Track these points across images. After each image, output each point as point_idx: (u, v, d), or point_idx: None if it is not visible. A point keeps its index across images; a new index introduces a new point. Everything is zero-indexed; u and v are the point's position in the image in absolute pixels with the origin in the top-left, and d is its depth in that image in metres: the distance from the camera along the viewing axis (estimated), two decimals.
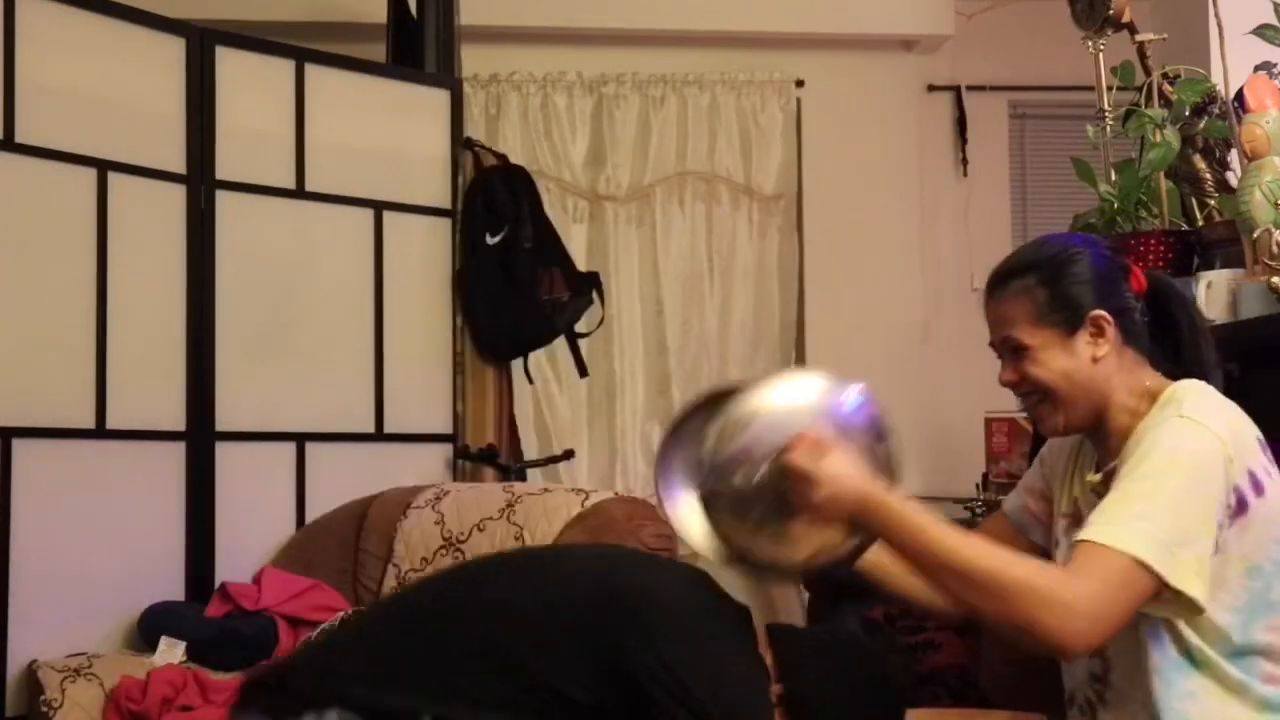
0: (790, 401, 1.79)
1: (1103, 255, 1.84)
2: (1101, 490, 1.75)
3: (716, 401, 1.87)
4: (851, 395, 1.80)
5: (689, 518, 1.88)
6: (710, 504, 1.79)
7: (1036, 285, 1.79)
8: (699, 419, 1.89)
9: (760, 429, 1.75)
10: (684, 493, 1.90)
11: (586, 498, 3.28)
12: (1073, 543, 1.66)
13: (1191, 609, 1.63)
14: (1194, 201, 2.85)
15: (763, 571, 1.85)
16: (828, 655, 1.94)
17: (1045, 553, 1.96)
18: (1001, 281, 1.84)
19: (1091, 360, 1.77)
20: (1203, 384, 1.77)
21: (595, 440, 4.90)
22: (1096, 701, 1.84)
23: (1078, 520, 1.84)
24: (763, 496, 1.74)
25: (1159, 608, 1.66)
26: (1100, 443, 1.84)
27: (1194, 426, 1.68)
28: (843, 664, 1.93)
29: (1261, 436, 1.74)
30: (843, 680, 1.90)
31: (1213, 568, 1.64)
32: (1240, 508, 1.67)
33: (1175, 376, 1.81)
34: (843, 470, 1.70)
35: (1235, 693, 1.70)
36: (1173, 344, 1.86)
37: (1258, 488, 1.68)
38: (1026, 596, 1.57)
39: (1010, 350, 1.81)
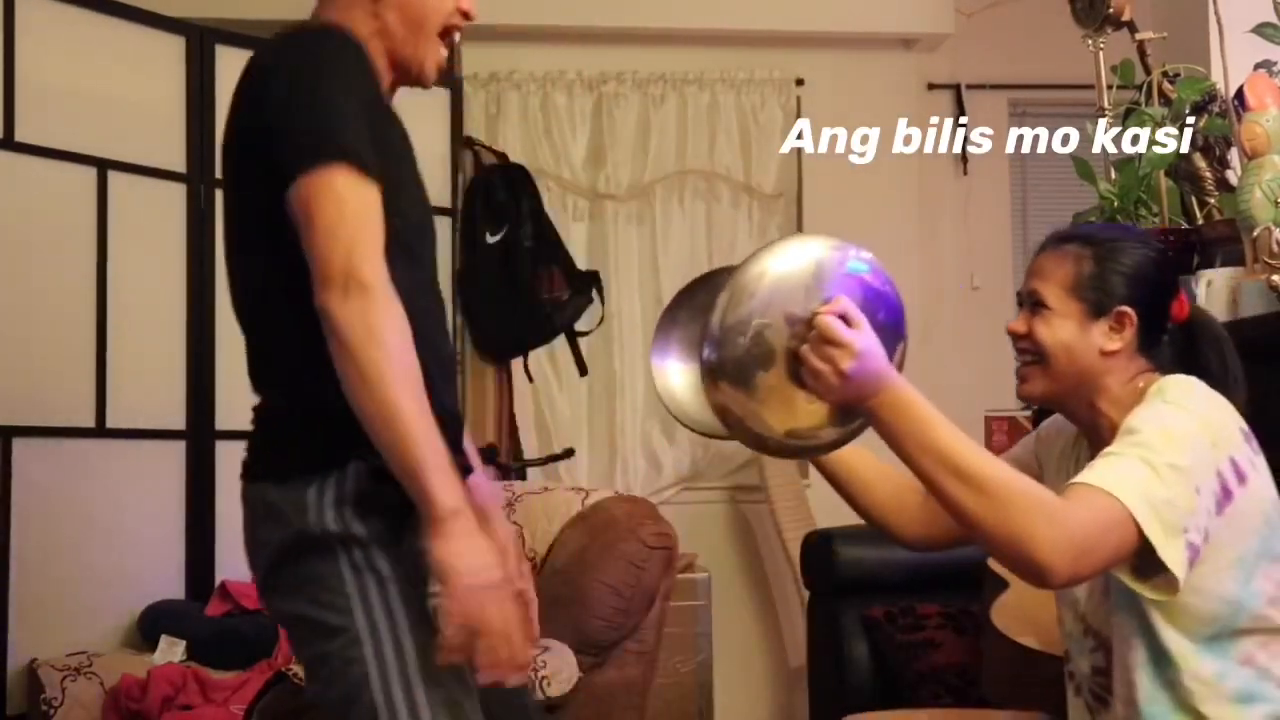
0: (802, 264, 1.63)
1: (1161, 265, 1.85)
2: None
3: (717, 277, 1.81)
4: (863, 261, 1.66)
5: (678, 388, 1.87)
6: (716, 370, 1.61)
7: (1086, 258, 1.81)
8: (701, 293, 1.84)
9: (772, 292, 1.60)
10: (678, 364, 1.88)
11: (586, 496, 3.28)
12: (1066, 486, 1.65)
13: (1166, 585, 1.63)
14: (1194, 200, 2.85)
15: (749, 442, 1.69)
16: None
17: None
18: (1059, 241, 1.86)
19: (1100, 351, 1.79)
20: (1190, 377, 1.78)
21: (595, 439, 4.89)
22: (1102, 693, 1.85)
23: None
24: (769, 360, 1.59)
25: (1136, 580, 1.65)
26: (1093, 437, 1.85)
27: (1177, 409, 1.69)
28: None
29: (1247, 428, 1.74)
30: None
31: (1206, 555, 1.65)
32: (1225, 496, 1.67)
33: None
34: (872, 344, 1.60)
35: (1209, 686, 1.70)
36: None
37: (1240, 477, 1.69)
38: (1028, 509, 1.56)
39: (1032, 303, 1.83)
